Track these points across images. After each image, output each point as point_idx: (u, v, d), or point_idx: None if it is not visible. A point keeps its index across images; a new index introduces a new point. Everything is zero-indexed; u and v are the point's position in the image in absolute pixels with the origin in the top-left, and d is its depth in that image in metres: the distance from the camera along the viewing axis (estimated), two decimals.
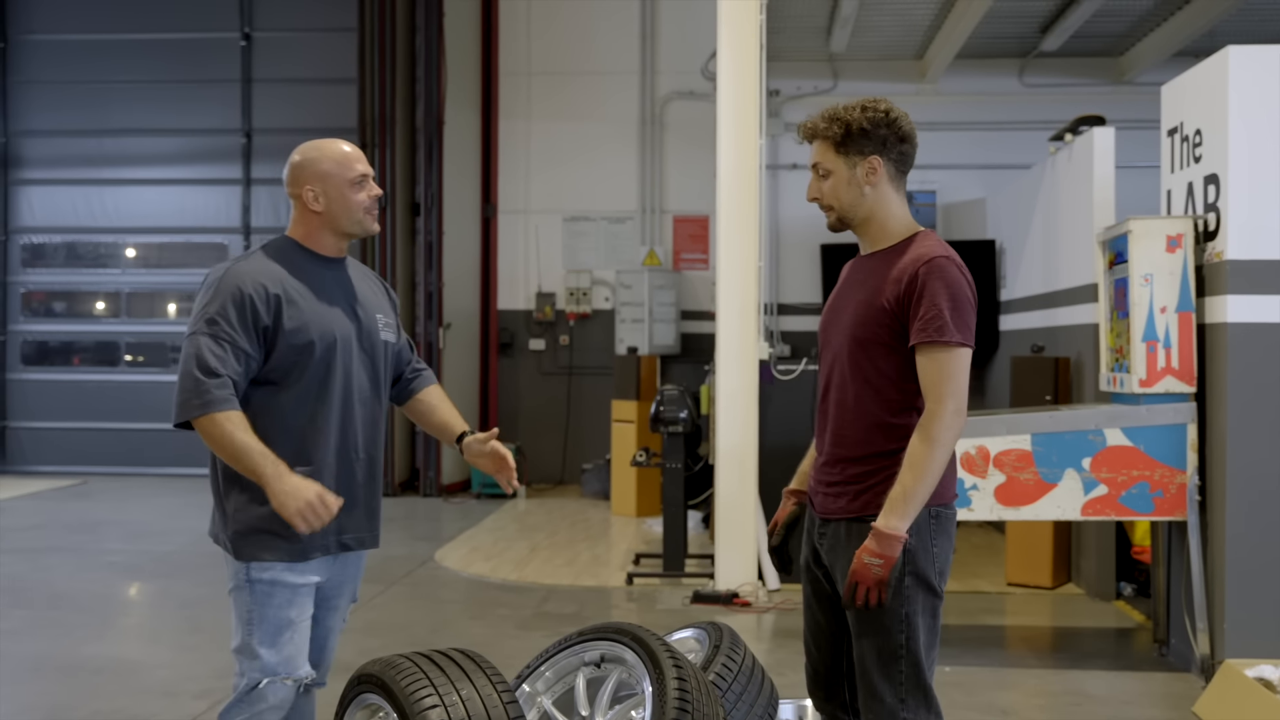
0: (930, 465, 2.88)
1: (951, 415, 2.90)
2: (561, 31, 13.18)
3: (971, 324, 2.96)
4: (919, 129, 3.18)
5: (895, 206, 3.11)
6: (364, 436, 3.34)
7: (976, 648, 6.40)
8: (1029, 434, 5.73)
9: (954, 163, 11.97)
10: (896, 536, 2.88)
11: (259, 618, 3.17)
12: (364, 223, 3.33)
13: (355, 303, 3.36)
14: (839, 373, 3.11)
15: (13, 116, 13.95)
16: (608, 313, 13.02)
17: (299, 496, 2.99)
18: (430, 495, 12.14)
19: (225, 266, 3.21)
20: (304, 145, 3.35)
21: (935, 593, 3.03)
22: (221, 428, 3.01)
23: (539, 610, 7.18)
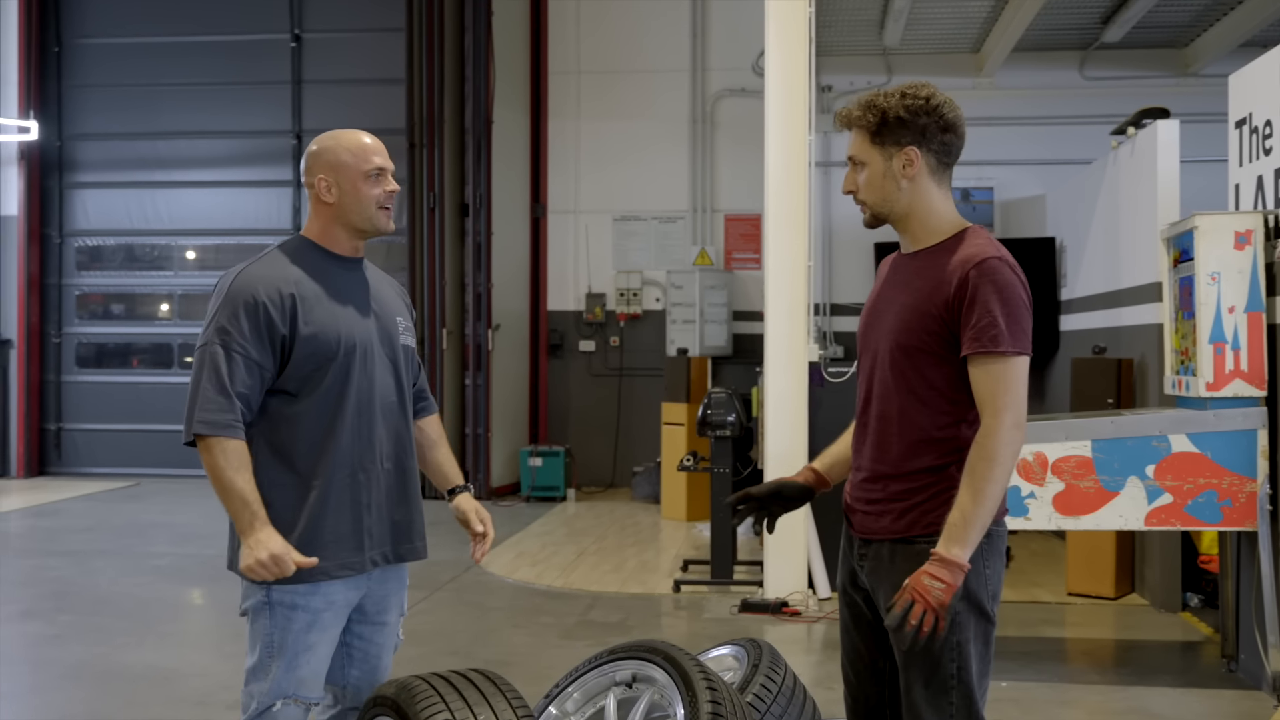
0: (990, 486, 2.65)
1: (1010, 430, 2.67)
2: (611, 30, 13.04)
3: (1028, 330, 2.73)
4: (975, 124, 2.95)
5: (937, 201, 2.87)
6: (390, 445, 3.17)
7: (1035, 662, 6.17)
8: (1089, 440, 5.48)
9: (1012, 159, 11.68)
10: (960, 565, 2.64)
11: (279, 642, 3.00)
12: (376, 219, 3.14)
13: (375, 305, 3.20)
14: (881, 382, 2.89)
15: (67, 120, 14.04)
16: (659, 313, 12.86)
17: (262, 548, 2.87)
18: (480, 498, 11.93)
19: (237, 270, 3.05)
20: (323, 134, 3.20)
21: (988, 618, 2.81)
22: (216, 457, 2.89)
23: (583, 618, 7.03)
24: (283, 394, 3.01)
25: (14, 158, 13.72)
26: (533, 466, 11.99)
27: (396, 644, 3.35)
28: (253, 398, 2.96)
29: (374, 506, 3.11)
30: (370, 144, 3.15)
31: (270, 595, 2.99)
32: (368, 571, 3.12)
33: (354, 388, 3.07)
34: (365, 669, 3.24)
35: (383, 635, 3.26)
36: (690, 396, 10.73)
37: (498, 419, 12.24)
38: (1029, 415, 3.33)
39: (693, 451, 8.59)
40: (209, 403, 2.89)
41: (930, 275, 2.80)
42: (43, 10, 13.92)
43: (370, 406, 3.11)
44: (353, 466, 3.06)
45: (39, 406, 13.95)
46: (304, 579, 2.97)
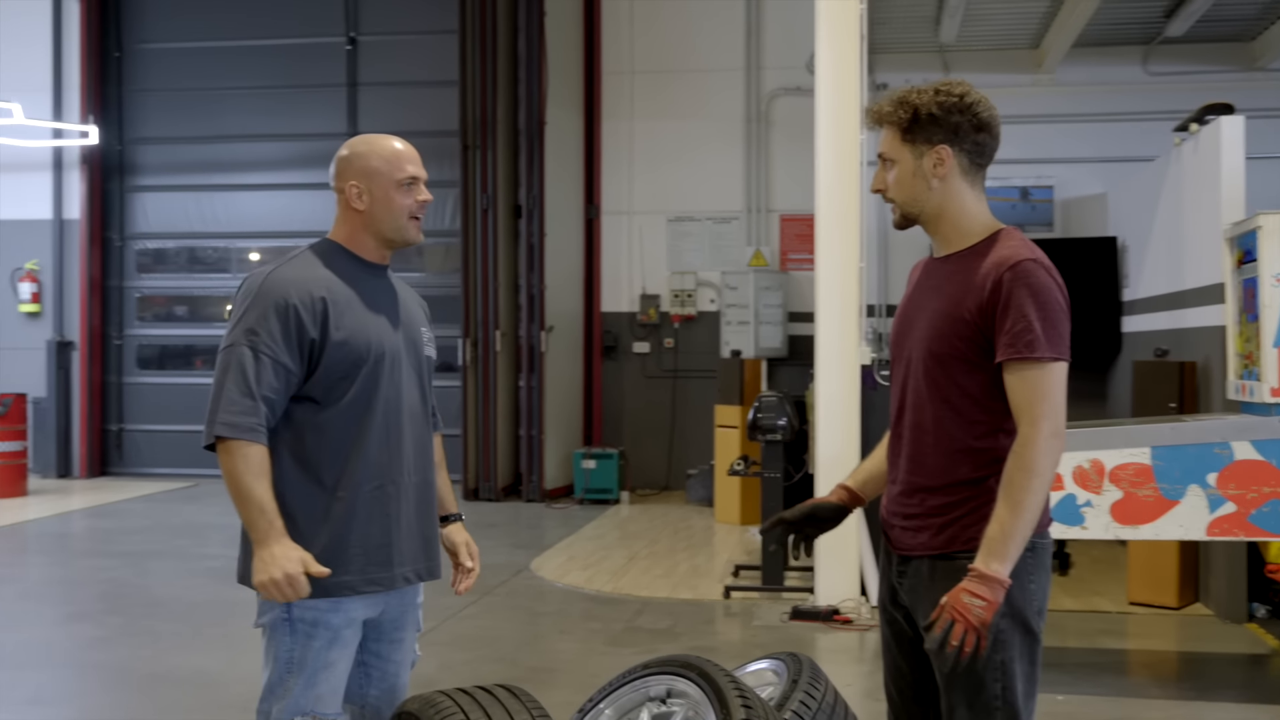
0: (1029, 498, 2.55)
1: (1048, 439, 2.57)
2: (664, 29, 12.96)
3: (1065, 334, 2.62)
4: (1034, 122, 2.85)
5: (969, 203, 2.76)
6: (415, 457, 3.09)
7: (1094, 674, 5.99)
8: (1148, 447, 5.31)
9: (1072, 156, 11.44)
10: (1000, 581, 2.54)
11: (299, 660, 2.92)
12: (406, 230, 3.06)
13: (401, 314, 3.12)
14: (914, 391, 2.78)
15: (128, 125, 14.20)
16: (713, 315, 12.75)
17: (276, 566, 2.76)
18: (533, 500, 12.01)
19: (266, 271, 2.96)
20: (355, 139, 3.12)
21: (1034, 634, 2.69)
22: (236, 462, 2.80)
23: (631, 624, 6.95)
24: (309, 401, 2.93)
25: (76, 162, 13.90)
26: (586, 469, 11.93)
27: (414, 660, 3.27)
28: (278, 403, 2.88)
29: (403, 520, 3.03)
30: (404, 151, 3.06)
31: (291, 611, 2.91)
32: (397, 588, 3.05)
33: (382, 397, 2.99)
34: (384, 687, 3.16)
35: (400, 652, 3.18)
36: (744, 399, 10.61)
37: (551, 421, 12.20)
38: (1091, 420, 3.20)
39: (744, 456, 8.48)
40: (233, 404, 2.82)
41: (963, 279, 2.70)
42: (103, 17, 14.09)
43: (398, 416, 3.04)
44: (381, 478, 2.99)
45: (101, 407, 14.13)
46: (328, 593, 2.89)
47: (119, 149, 14.17)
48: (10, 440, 12.00)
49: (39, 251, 14.01)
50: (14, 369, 13.80)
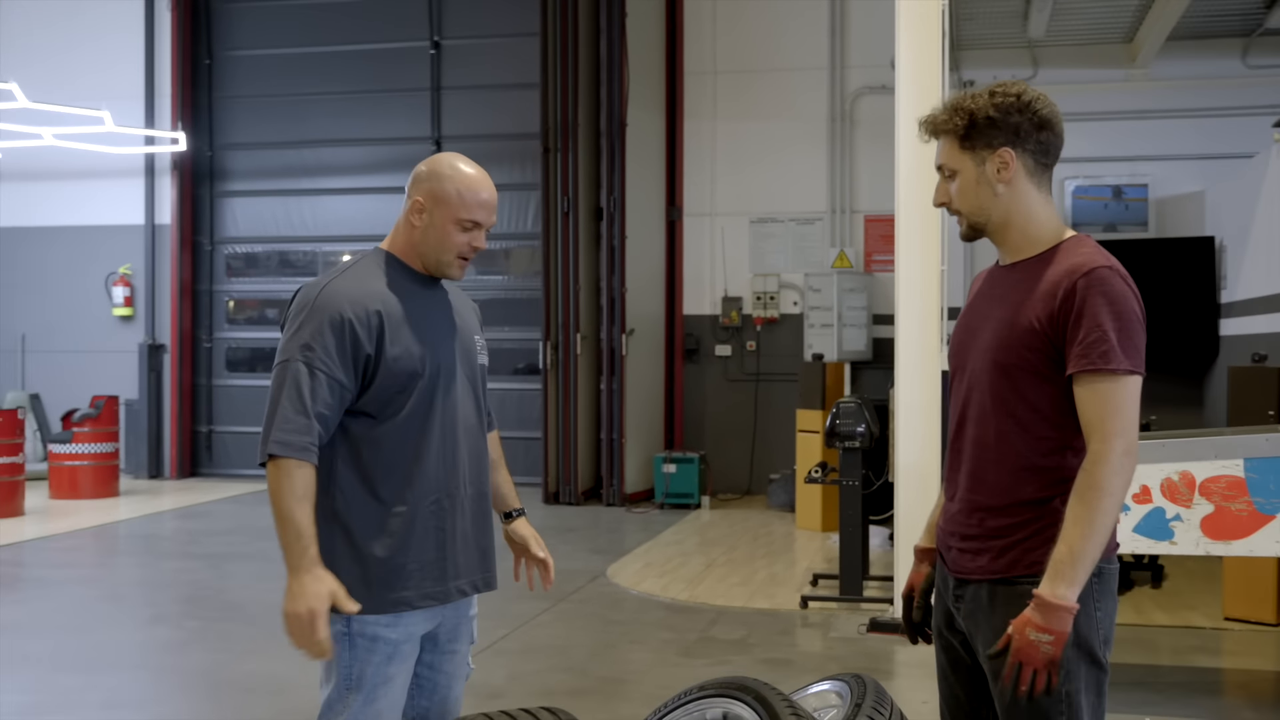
0: (1100, 519, 2.41)
1: (1121, 457, 2.42)
2: (748, 29, 12.81)
3: (1141, 346, 2.48)
4: (1128, 118, 2.71)
5: (1038, 207, 2.63)
6: (471, 470, 3.03)
7: (1186, 694, 5.76)
8: (1242, 458, 5.06)
9: (1168, 153, 11.07)
10: (1067, 607, 2.41)
11: (358, 675, 2.87)
12: (449, 266, 2.98)
13: (456, 325, 3.06)
14: (977, 405, 2.64)
15: (218, 131, 14.43)
16: (796, 317, 12.59)
17: (303, 600, 2.71)
18: (613, 505, 11.94)
19: (321, 284, 2.90)
20: (445, 158, 3.02)
21: (1100, 665, 2.55)
22: (281, 481, 2.74)
23: (704, 635, 6.84)
24: (365, 416, 2.88)
25: (167, 168, 14.16)
26: (666, 473, 11.84)
27: (468, 673, 3.21)
28: (332, 419, 2.83)
29: (459, 534, 2.98)
30: (483, 196, 2.97)
31: (350, 626, 2.86)
32: (453, 601, 3.00)
33: (438, 410, 2.94)
34: (435, 699, 3.11)
35: (453, 664, 3.13)
36: (825, 403, 10.42)
37: (632, 425, 12.13)
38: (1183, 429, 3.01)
39: (821, 463, 8.31)
40: (287, 422, 2.76)
41: (1031, 287, 2.56)
42: (194, 25, 14.33)
43: (454, 430, 2.98)
44: (438, 492, 2.94)
45: (191, 409, 14.37)
46: (386, 609, 2.86)
47: (209, 155, 14.40)
48: (103, 442, 12.24)
49: (132, 256, 14.30)
50: (108, 371, 14.10)
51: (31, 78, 13.90)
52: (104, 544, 10.10)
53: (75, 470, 12.10)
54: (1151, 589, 7.89)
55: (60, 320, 14.48)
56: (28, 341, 14.57)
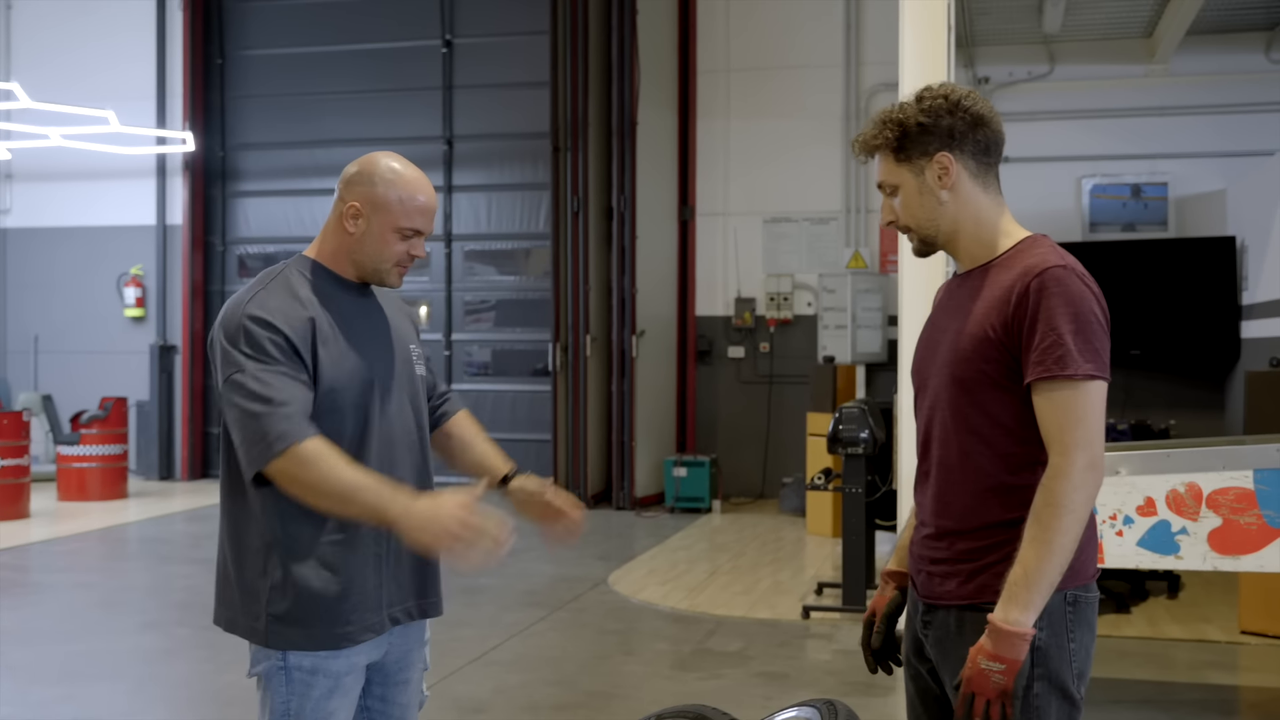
0: (1059, 539, 2.25)
1: (1082, 471, 2.26)
2: (761, 26, 12.63)
3: (1103, 350, 2.32)
4: (1147, 115, 2.55)
5: (987, 210, 2.48)
6: (412, 486, 2.79)
7: (1199, 712, 5.56)
8: (1251, 470, 4.84)
9: (1188, 151, 10.80)
10: (1020, 634, 2.26)
11: (296, 711, 2.67)
12: (387, 274, 2.77)
13: (389, 334, 2.84)
14: (940, 423, 2.48)
15: (230, 131, 14.36)
16: (810, 318, 12.39)
17: (436, 523, 2.48)
18: (623, 508, 11.79)
19: (247, 298, 2.68)
20: (377, 155, 2.78)
21: (1073, 701, 2.39)
22: (309, 466, 2.50)
23: (700, 646, 6.66)
24: None
25: (179, 168, 14.11)
26: (677, 476, 11.68)
27: (422, 701, 3.02)
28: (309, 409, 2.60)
29: (392, 557, 2.76)
30: (423, 201, 2.76)
31: (287, 659, 2.67)
32: (387, 631, 2.81)
33: (375, 428, 2.73)
34: None
35: (405, 695, 2.93)
36: (836, 406, 10.20)
37: (642, 427, 11.97)
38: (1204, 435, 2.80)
39: (826, 469, 8.12)
40: (268, 420, 2.52)
41: (986, 294, 2.41)
42: (206, 24, 14.26)
43: (392, 447, 2.77)
44: None
45: (203, 411, 14.29)
46: (325, 646, 2.65)
47: (221, 155, 14.32)
48: (111, 443, 12.18)
49: (143, 257, 14.25)
50: (120, 373, 14.05)
51: (43, 78, 13.90)
52: (107, 547, 10.02)
53: (83, 472, 12.04)
54: (1168, 599, 7.66)
55: (72, 321, 14.44)
56: (40, 342, 14.55)
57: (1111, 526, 4.95)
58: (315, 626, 2.65)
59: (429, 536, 2.51)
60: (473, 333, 13.62)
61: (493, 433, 11.50)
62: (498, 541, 2.53)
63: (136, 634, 6.94)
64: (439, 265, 13.58)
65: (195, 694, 5.82)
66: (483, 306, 13.68)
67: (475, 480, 2.91)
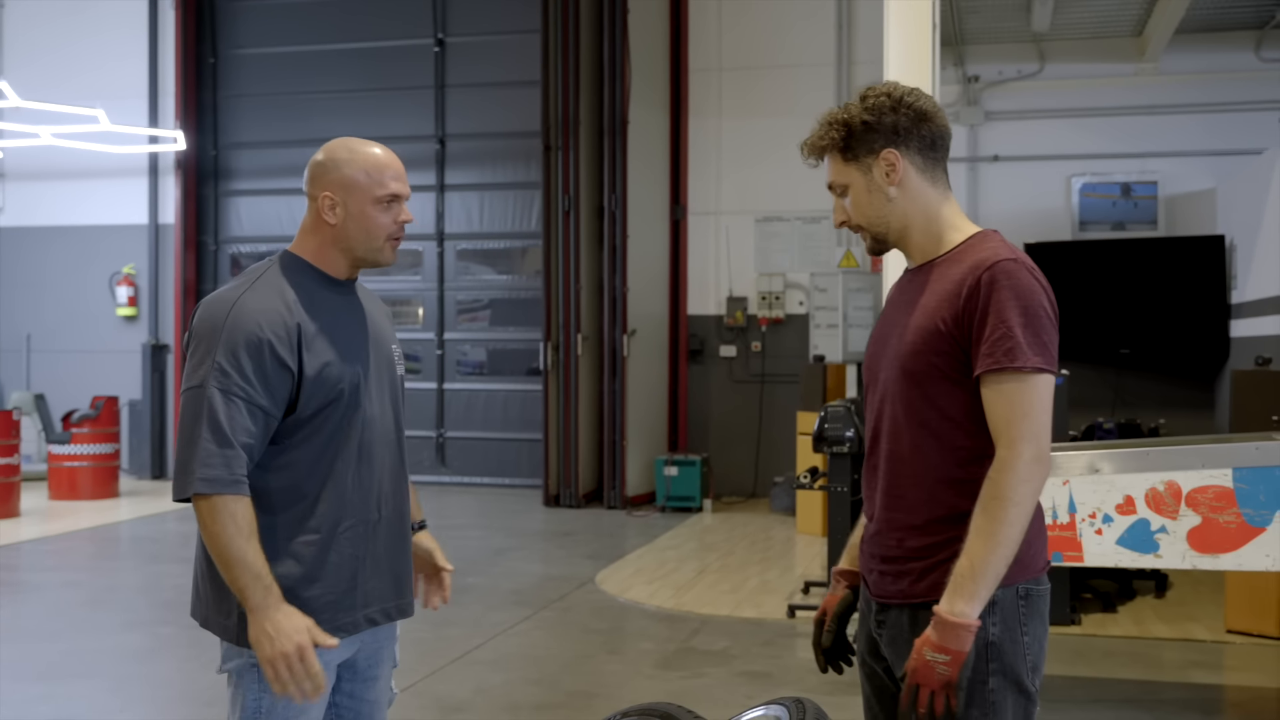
0: (1004, 530, 2.26)
1: (1029, 464, 2.27)
2: (753, 25, 12.61)
3: (1051, 343, 2.34)
4: (1137, 114, 2.55)
5: (936, 204, 2.50)
6: (388, 490, 2.80)
7: (1182, 711, 5.57)
8: (1230, 468, 4.83)
9: (1178, 150, 10.78)
10: (965, 625, 2.26)
11: (267, 708, 2.66)
12: (381, 252, 2.76)
13: (372, 334, 2.83)
14: (890, 417, 2.47)
15: (222, 130, 14.35)
16: (802, 317, 12.38)
17: (284, 638, 2.51)
18: (615, 508, 11.78)
19: (230, 299, 2.64)
20: (335, 143, 2.80)
21: (1028, 694, 2.40)
22: (221, 522, 2.51)
23: (684, 645, 6.65)
24: (278, 437, 2.65)
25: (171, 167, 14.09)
26: (668, 476, 11.66)
27: (391, 698, 3.02)
28: (256, 449, 2.59)
29: (370, 559, 2.76)
30: (388, 163, 2.75)
31: (255, 657, 2.63)
32: (361, 631, 2.80)
33: (357, 429, 2.72)
34: None
35: (374, 692, 2.93)
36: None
37: (634, 427, 11.96)
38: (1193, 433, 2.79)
39: (812, 468, 8.11)
40: (210, 456, 2.51)
41: (936, 288, 2.41)
42: (198, 23, 14.25)
43: (371, 449, 2.75)
44: (354, 517, 2.71)
45: None
46: None
47: (213, 154, 14.32)
48: (102, 442, 12.17)
49: (135, 256, 14.24)
50: (112, 372, 14.04)
51: (35, 76, 13.89)
52: (96, 546, 10.01)
53: (74, 471, 12.03)
54: (1155, 599, 7.65)
55: (64, 320, 14.43)
56: (33, 341, 14.54)
57: (1091, 525, 4.94)
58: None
59: (266, 648, 2.52)
60: (465, 332, 13.61)
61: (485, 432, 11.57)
62: (310, 690, 2.56)
63: (121, 633, 6.93)
64: (431, 264, 13.58)
65: (177, 693, 5.81)
66: (475, 305, 13.68)
67: None
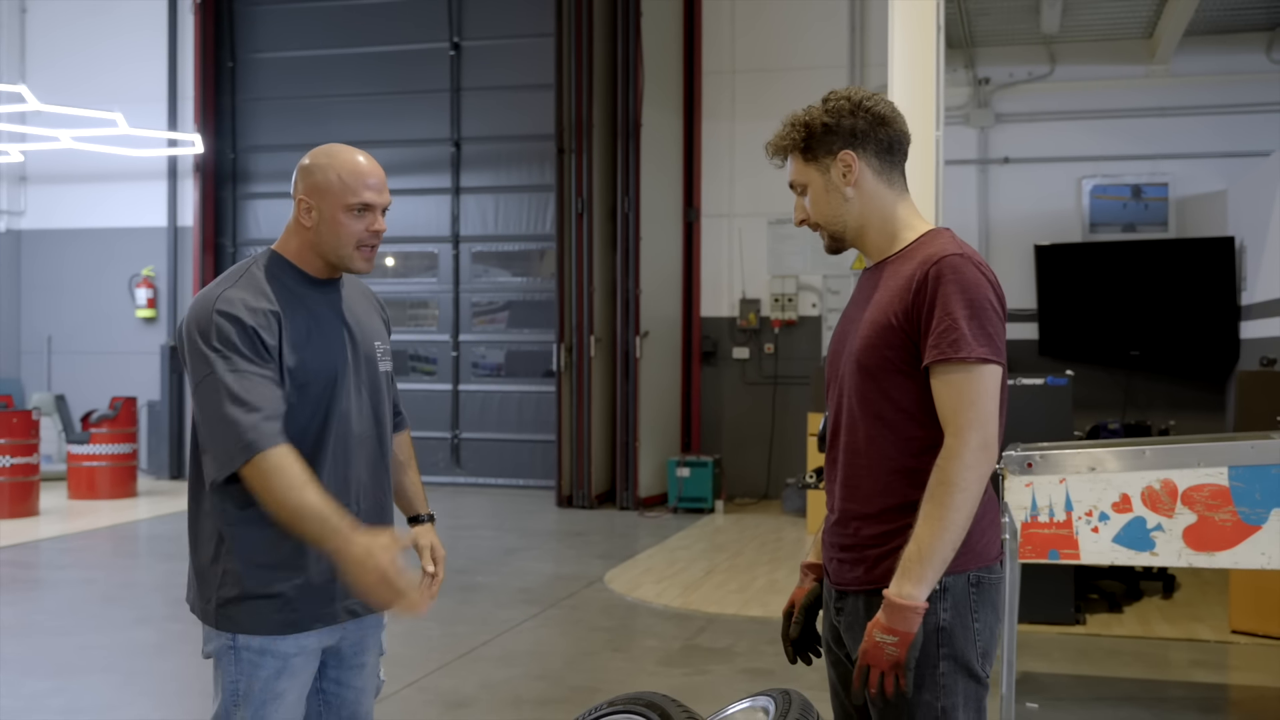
0: (951, 515, 2.33)
1: (975, 451, 2.35)
2: (767, 28, 12.66)
3: (997, 334, 2.41)
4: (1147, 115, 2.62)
5: (891, 205, 2.58)
6: (366, 485, 2.89)
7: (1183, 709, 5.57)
8: (1225, 466, 4.85)
9: (1189, 151, 10.77)
10: (913, 607, 2.34)
11: (245, 690, 2.75)
12: (350, 259, 2.82)
13: (353, 331, 2.90)
14: (847, 410, 2.55)
15: (241, 133, 14.48)
16: (815, 319, 12.42)
17: (371, 560, 2.56)
18: (627, 509, 11.83)
19: (215, 295, 2.73)
20: (320, 148, 2.87)
21: (979, 680, 2.47)
22: (272, 479, 2.58)
23: (689, 643, 6.70)
24: None
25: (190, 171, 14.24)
26: (680, 477, 11.71)
27: (378, 686, 3.10)
28: (280, 410, 2.66)
29: None
30: (365, 171, 2.81)
31: (236, 640, 2.75)
32: (341, 623, 2.88)
33: (332, 423, 2.80)
34: (344, 715, 2.98)
35: (361, 679, 3.01)
36: None
37: (646, 428, 12.01)
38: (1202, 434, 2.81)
39: (818, 468, 8.15)
40: (242, 426, 2.59)
41: (889, 284, 2.50)
42: (217, 28, 14.39)
43: (346, 443, 2.84)
44: None
45: None
46: (273, 632, 2.74)
47: (231, 157, 14.45)
48: (120, 443, 12.29)
49: (155, 258, 14.40)
50: (131, 373, 14.20)
51: (55, 80, 14.06)
52: (112, 545, 10.13)
53: (93, 471, 12.16)
54: (1162, 599, 7.66)
55: (85, 322, 14.60)
56: (53, 343, 14.71)
57: (1087, 523, 4.96)
58: (261, 613, 2.73)
59: (360, 575, 2.58)
60: (480, 334, 13.70)
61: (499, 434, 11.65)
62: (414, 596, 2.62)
63: (132, 629, 7.02)
64: (447, 266, 13.67)
65: (183, 686, 5.89)
66: (492, 307, 13.76)
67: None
